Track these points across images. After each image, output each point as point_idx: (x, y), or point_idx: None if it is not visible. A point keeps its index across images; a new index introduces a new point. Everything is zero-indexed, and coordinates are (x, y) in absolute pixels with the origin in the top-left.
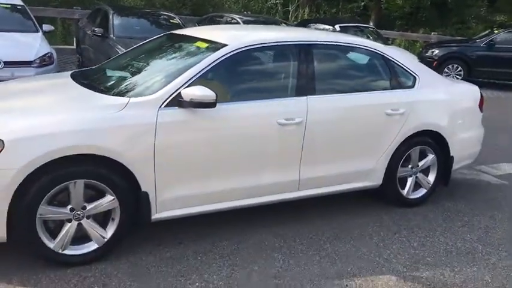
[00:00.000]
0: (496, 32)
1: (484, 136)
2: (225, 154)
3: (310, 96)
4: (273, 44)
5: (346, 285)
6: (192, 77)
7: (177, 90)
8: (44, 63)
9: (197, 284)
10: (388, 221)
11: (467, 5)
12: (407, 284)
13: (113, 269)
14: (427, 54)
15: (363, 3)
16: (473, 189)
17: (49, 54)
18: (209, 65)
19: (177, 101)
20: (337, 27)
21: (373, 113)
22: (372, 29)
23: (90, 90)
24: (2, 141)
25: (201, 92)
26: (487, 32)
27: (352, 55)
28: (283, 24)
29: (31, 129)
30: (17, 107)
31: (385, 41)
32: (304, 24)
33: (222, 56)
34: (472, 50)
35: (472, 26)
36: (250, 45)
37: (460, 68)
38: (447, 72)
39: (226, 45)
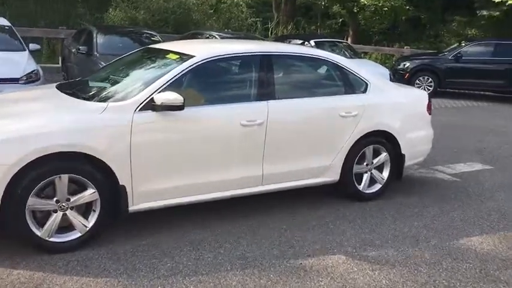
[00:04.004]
0: (463, 44)
1: (443, 140)
2: (194, 152)
3: (270, 101)
4: (236, 54)
5: (301, 263)
6: (164, 84)
7: (150, 95)
8: (30, 79)
9: (168, 264)
10: (345, 212)
11: (440, 20)
12: (355, 261)
13: (94, 254)
14: (399, 67)
15: (341, 20)
16: (427, 186)
17: (35, 71)
18: (178, 73)
19: (150, 105)
20: (312, 42)
21: (328, 115)
22: (345, 44)
23: (74, 98)
24: None
25: (170, 97)
26: (455, 45)
27: (309, 64)
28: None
29: (20, 131)
30: (7, 113)
31: (360, 55)
32: (282, 40)
33: (190, 66)
34: (441, 62)
35: (445, 40)
36: (215, 56)
37: (430, 80)
38: (419, 84)
39: (193, 56)
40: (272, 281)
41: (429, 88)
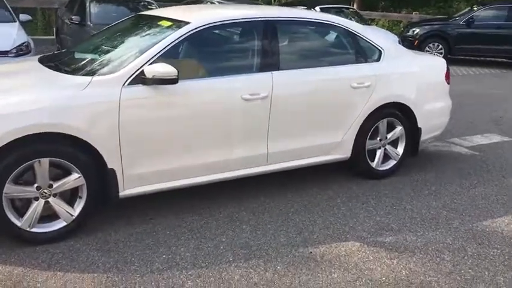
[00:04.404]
0: (475, 9)
1: (458, 110)
2: (190, 130)
3: (275, 72)
4: (236, 20)
5: (311, 252)
6: (155, 55)
7: (140, 68)
8: (21, 52)
9: (164, 256)
10: (358, 192)
11: None
12: (370, 248)
13: (81, 245)
14: (408, 33)
15: None
16: (443, 161)
17: (26, 44)
18: (172, 42)
19: (140, 79)
20: (317, 8)
21: (338, 86)
22: (352, 10)
23: (56, 72)
24: None
25: (162, 69)
26: (467, 9)
27: (317, 30)
28: None
29: None
30: None
31: (367, 22)
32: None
33: (185, 34)
34: (452, 28)
35: (454, 5)
36: (213, 23)
37: (440, 46)
38: (428, 51)
39: (189, 23)
40: (279, 274)
41: (439, 55)
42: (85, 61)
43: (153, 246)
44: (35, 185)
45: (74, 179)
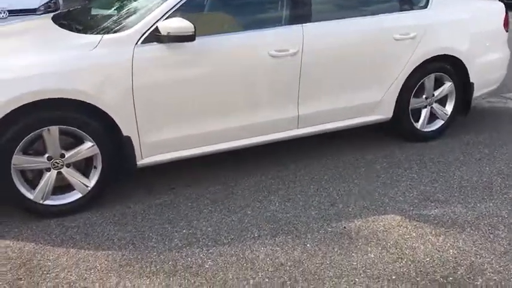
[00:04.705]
0: None
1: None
2: (211, 92)
3: (306, 24)
4: None
5: (344, 227)
6: (171, 9)
7: (153, 24)
8: (49, 9)
9: (184, 231)
10: (400, 156)
11: None
12: (412, 223)
13: (97, 218)
14: None
15: None
16: (498, 119)
17: (54, 1)
18: None
19: (154, 36)
20: None
21: (379, 38)
22: None
23: (66, 31)
24: None
25: (177, 24)
26: None
27: None
28: None
29: None
30: None
31: None
32: None
33: None
34: None
35: None
36: None
37: None
38: None
39: None
40: (308, 253)
41: None
42: (98, 18)
43: (173, 220)
44: (46, 155)
45: (87, 148)
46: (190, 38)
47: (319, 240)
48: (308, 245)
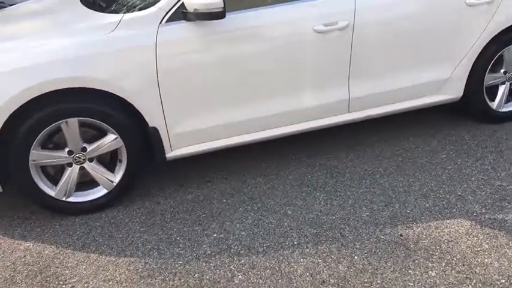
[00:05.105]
0: None
1: None
2: (246, 75)
3: None
4: None
5: (401, 235)
6: None
7: (179, 0)
8: None
9: (215, 235)
10: (470, 143)
11: None
12: (484, 230)
13: (123, 217)
14: None
15: None
16: None
17: None
18: None
19: (180, 14)
20: None
21: (447, 5)
22: None
23: (90, 10)
24: None
25: (205, 0)
26: None
27: None
28: None
29: (4, 64)
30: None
31: None
32: None
33: None
34: None
35: None
36: None
37: None
38: None
39: None
40: (356, 268)
41: None
42: None
43: (205, 220)
44: (66, 149)
45: (110, 140)
46: (219, 15)
47: (369, 251)
48: (356, 257)
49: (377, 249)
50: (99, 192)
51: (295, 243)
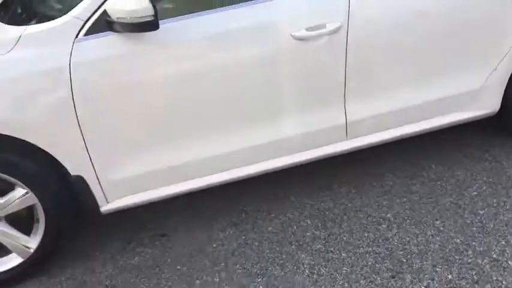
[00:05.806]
0: None
1: None
2: (197, 102)
3: None
4: None
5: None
6: None
7: (99, 6)
8: None
9: None
10: (511, 172)
11: None
12: None
13: None
14: None
15: None
16: None
17: None
18: None
19: (104, 23)
20: None
21: None
22: None
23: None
24: None
25: (130, 6)
26: None
27: None
28: None
29: None
30: None
31: None
32: None
33: None
34: None
35: None
36: None
37: None
38: None
39: None
40: None
41: None
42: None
43: None
44: None
45: (19, 196)
46: (151, 25)
47: None
48: None
49: None
50: (10, 262)
51: None
